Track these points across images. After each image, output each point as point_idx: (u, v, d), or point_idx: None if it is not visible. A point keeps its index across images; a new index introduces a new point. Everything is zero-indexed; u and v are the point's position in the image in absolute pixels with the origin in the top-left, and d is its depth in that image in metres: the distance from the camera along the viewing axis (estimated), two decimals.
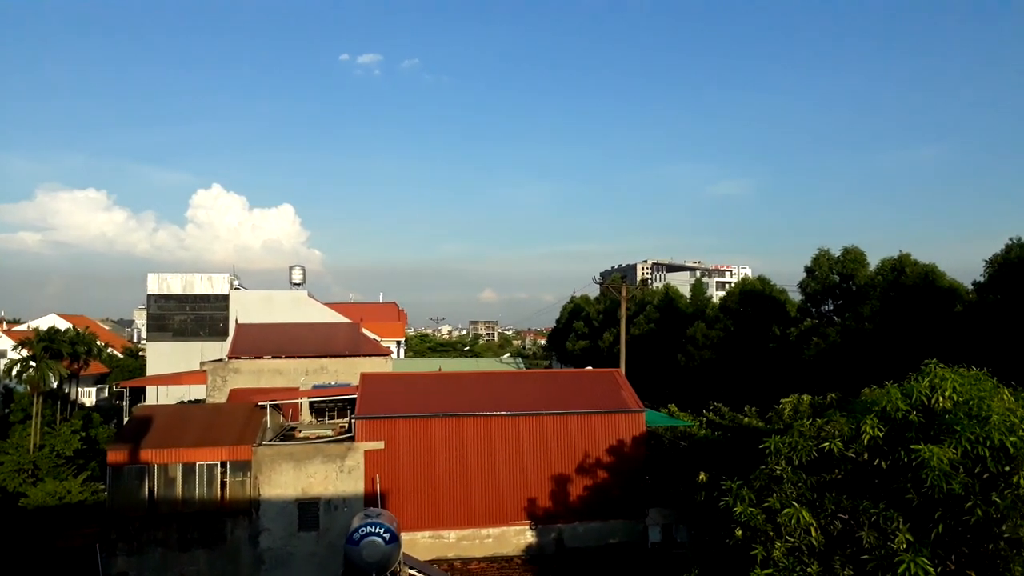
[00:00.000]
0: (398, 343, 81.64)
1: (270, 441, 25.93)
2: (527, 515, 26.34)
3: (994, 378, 13.14)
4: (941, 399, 12.51)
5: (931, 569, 10.45)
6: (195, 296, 62.86)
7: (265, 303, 60.85)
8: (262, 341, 43.73)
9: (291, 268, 68.63)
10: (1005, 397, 12.45)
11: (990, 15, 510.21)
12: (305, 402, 30.67)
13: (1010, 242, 42.15)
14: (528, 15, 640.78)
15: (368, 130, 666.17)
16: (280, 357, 41.31)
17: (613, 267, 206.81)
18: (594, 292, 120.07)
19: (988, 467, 11.29)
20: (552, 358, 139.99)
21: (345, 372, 40.84)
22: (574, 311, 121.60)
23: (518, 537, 26.18)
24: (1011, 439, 11.21)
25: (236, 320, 51.38)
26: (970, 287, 45.61)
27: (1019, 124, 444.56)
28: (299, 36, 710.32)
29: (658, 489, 26.73)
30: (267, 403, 27.59)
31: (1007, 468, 11.09)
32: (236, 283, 65.78)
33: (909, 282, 48.84)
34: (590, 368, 42.32)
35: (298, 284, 67.27)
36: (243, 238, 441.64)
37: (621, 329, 50.94)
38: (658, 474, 27.29)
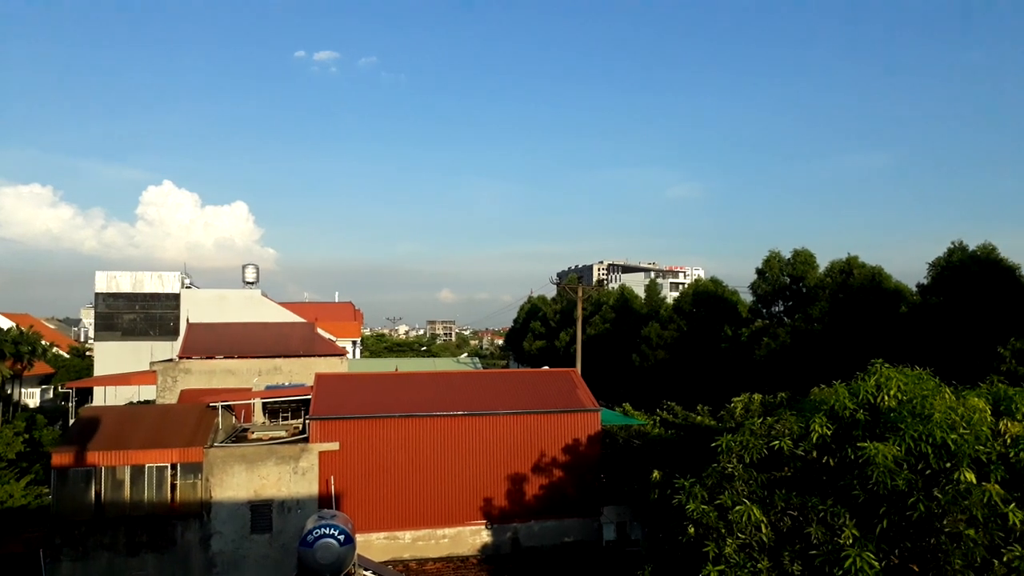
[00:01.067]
0: (354, 343, 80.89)
1: (222, 443, 25.52)
2: (483, 515, 26.37)
3: (936, 377, 13.55)
4: (886, 398, 12.88)
5: (876, 563, 10.75)
6: (145, 295, 61.51)
7: (217, 302, 59.81)
8: (214, 341, 43.02)
9: (244, 266, 67.67)
10: (947, 396, 12.85)
11: (930, 26, 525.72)
12: (258, 403, 30.24)
13: (952, 246, 43.54)
14: (487, 17, 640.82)
15: (324, 128, 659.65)
16: (233, 357, 40.66)
17: (570, 268, 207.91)
18: (551, 292, 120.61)
19: (930, 464, 11.66)
20: (509, 358, 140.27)
21: (299, 372, 40.41)
22: (531, 311, 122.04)
23: (474, 537, 26.20)
24: (952, 436, 11.59)
25: (187, 319, 50.46)
26: (914, 289, 46.98)
27: (961, 131, 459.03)
28: (253, 31, 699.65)
29: (613, 487, 26.99)
30: (219, 404, 27.15)
31: (948, 465, 11.46)
32: (187, 281, 64.54)
33: (856, 284, 50.13)
34: (547, 368, 42.53)
35: (251, 283, 66.32)
36: (195, 236, 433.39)
37: (577, 329, 51.28)
38: (613, 473, 27.56)
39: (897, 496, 11.25)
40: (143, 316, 61.60)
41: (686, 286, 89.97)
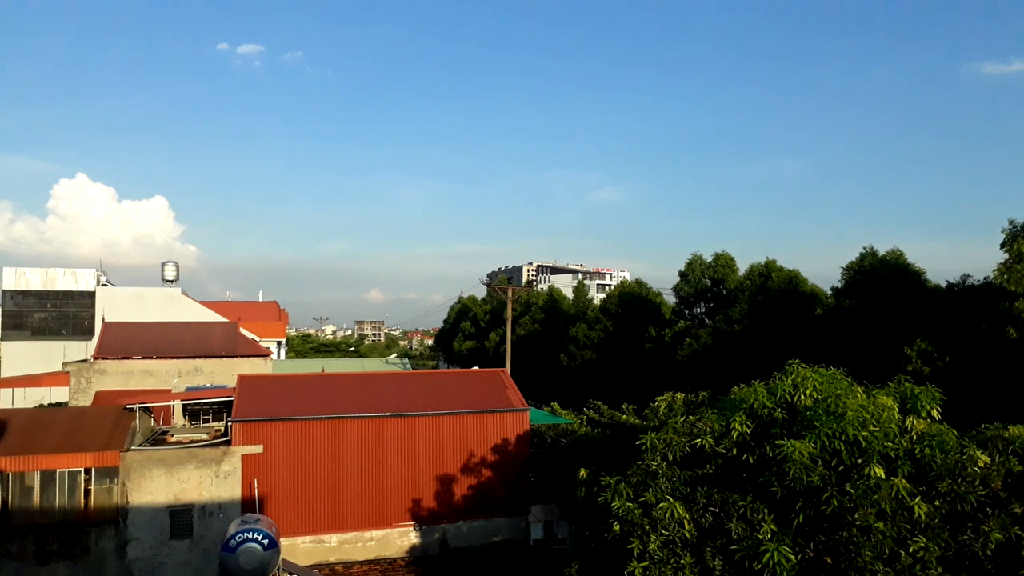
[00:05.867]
0: (279, 343, 79.27)
1: (140, 446, 24.69)
2: (411, 516, 26.24)
3: (849, 377, 14.16)
4: (803, 397, 13.41)
5: (792, 557, 11.19)
6: (57, 292, 58.92)
7: (135, 301, 57.74)
8: (131, 340, 41.52)
9: (164, 264, 65.31)
10: (859, 395, 13.45)
11: (855, 33, 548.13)
12: (178, 405, 29.31)
13: (864, 251, 45.47)
14: (418, 15, 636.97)
15: (248, 123, 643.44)
16: (151, 357, 39.35)
17: (500, 268, 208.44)
18: (482, 293, 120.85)
19: (843, 460, 12.21)
20: (440, 358, 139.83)
21: (222, 374, 39.40)
22: (462, 311, 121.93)
23: (402, 539, 26.05)
24: (863, 434, 12.17)
25: (103, 318, 48.51)
26: (829, 292, 48.89)
27: (874, 142, 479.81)
28: (174, 21, 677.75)
29: (541, 486, 27.23)
30: (136, 406, 26.24)
31: (859, 460, 12.03)
32: (103, 279, 62.08)
33: (774, 287, 51.85)
34: (477, 368, 42.59)
35: (171, 281, 64.12)
36: (111, 231, 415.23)
37: (507, 330, 51.54)
38: (541, 472, 27.80)
39: (812, 491, 11.72)
40: (55, 315, 59.00)
41: (612, 288, 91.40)
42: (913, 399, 13.57)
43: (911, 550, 11.25)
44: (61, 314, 59.05)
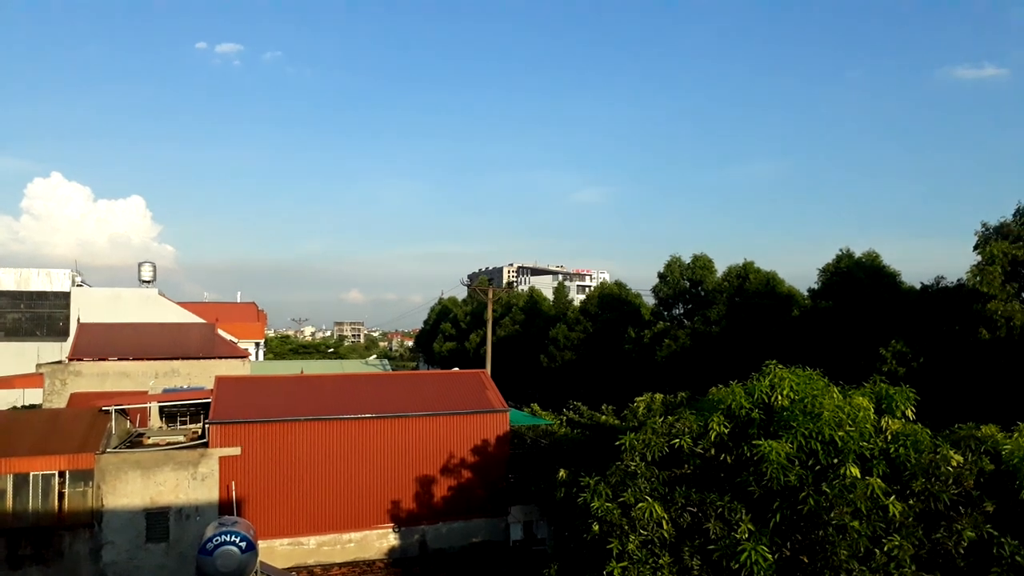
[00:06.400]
0: (257, 345, 78.59)
1: (116, 448, 24.42)
2: (391, 518, 26.15)
3: (825, 377, 14.30)
4: (780, 397, 13.54)
5: (769, 556, 11.29)
6: (31, 293, 58.01)
7: (111, 301, 57.01)
8: (107, 342, 41.04)
9: (140, 264, 64.67)
10: (835, 395, 13.59)
11: (828, 38, 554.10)
12: (155, 407, 29.02)
13: (840, 252, 46.02)
14: (398, 15, 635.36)
15: (227, 123, 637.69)
16: (127, 359, 38.89)
17: (481, 269, 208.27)
18: (462, 294, 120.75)
19: (820, 460, 12.33)
20: (420, 360, 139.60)
21: (199, 375, 39.02)
22: (442, 313, 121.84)
23: (381, 540, 25.95)
24: (839, 434, 12.30)
25: (78, 319, 47.90)
26: (806, 293, 49.40)
27: (852, 143, 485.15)
28: (151, 20, 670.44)
29: (520, 487, 27.24)
30: (112, 408, 25.95)
31: (835, 460, 12.16)
32: (79, 279, 61.27)
33: (752, 288, 52.31)
34: (457, 369, 42.55)
35: (148, 281, 63.46)
36: (87, 231, 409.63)
37: (487, 331, 51.53)
38: (521, 472, 27.82)
39: (789, 491, 11.84)
40: (29, 315, 58.14)
41: (592, 289, 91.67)
42: (888, 399, 13.74)
43: (886, 548, 11.40)
44: (35, 315, 58.21)
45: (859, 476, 11.69)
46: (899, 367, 36.33)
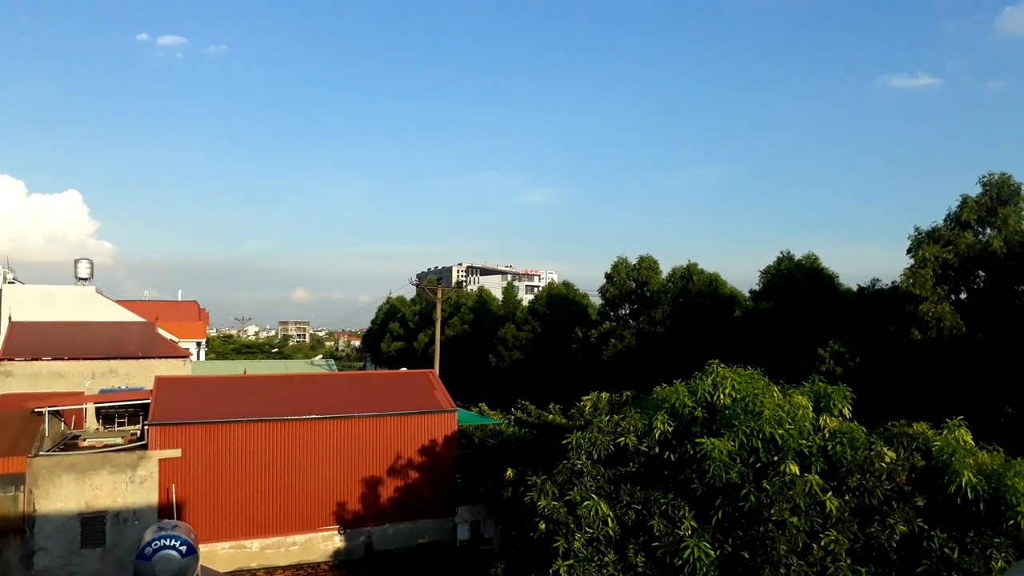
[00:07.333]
0: (198, 344, 76.78)
1: (49, 451, 23.62)
2: (336, 520, 25.86)
3: (766, 377, 14.63)
4: (722, 396, 13.81)
5: (711, 552, 11.51)
6: None
7: (45, 299, 55.00)
8: (41, 341, 39.67)
9: (77, 261, 62.41)
10: (775, 394, 13.91)
11: (769, 50, 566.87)
12: (91, 408, 28.17)
13: (780, 255, 47.11)
14: (347, 11, 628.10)
15: (168, 117, 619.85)
16: (62, 359, 37.66)
17: (430, 269, 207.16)
18: (411, 293, 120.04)
19: (760, 457, 12.61)
20: (367, 360, 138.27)
21: (138, 375, 38.01)
22: (390, 312, 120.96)
23: (326, 543, 25.65)
24: (779, 432, 12.60)
25: (10, 318, 46.15)
26: (747, 295, 50.43)
27: (795, 148, 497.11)
28: (90, 8, 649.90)
29: (468, 487, 27.21)
30: (46, 409, 25.11)
31: (776, 458, 12.45)
32: (11, 276, 59.08)
33: (696, 289, 53.25)
34: (405, 369, 42.29)
35: (85, 279, 61.39)
36: (20, 226, 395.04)
37: (436, 330, 51.35)
38: (468, 472, 27.78)
39: (731, 488, 12.08)
40: None
41: (541, 289, 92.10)
42: (826, 398, 14.10)
43: (823, 543, 11.71)
44: None
45: (798, 473, 12.00)
46: (836, 367, 37.33)
